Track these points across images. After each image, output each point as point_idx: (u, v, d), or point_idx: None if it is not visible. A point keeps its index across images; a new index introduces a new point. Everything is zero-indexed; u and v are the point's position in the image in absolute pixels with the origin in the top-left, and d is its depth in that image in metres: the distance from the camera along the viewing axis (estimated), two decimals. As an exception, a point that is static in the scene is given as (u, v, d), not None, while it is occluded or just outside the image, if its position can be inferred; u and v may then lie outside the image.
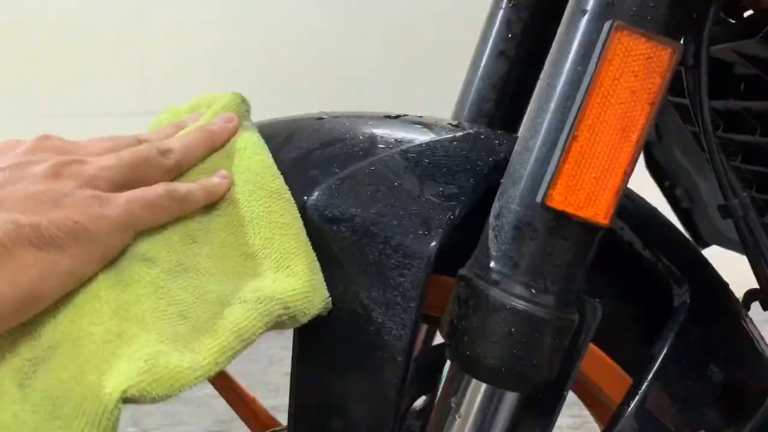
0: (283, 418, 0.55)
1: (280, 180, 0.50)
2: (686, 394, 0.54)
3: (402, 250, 0.48)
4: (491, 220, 0.47)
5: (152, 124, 0.60)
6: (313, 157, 0.53)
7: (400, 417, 0.56)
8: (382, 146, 0.53)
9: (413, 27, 2.59)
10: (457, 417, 0.50)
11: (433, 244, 0.48)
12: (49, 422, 0.38)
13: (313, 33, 2.59)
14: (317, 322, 0.49)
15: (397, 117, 0.56)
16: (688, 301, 0.54)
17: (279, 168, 0.52)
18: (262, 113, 0.61)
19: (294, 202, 0.49)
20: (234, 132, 0.53)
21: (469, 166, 0.51)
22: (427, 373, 0.60)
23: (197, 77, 2.53)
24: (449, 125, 0.55)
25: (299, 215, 0.49)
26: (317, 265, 0.48)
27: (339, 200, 0.50)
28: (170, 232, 0.47)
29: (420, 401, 0.64)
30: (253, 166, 0.50)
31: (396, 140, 0.53)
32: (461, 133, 0.53)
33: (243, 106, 0.55)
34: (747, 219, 0.50)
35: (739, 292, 0.59)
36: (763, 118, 0.61)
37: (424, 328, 0.74)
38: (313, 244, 0.49)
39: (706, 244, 0.82)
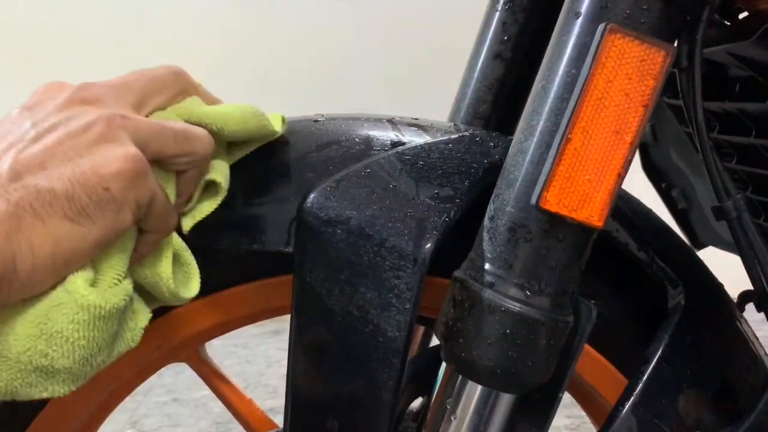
0: (281, 420, 0.55)
1: None
2: (681, 394, 0.54)
3: (397, 252, 0.49)
4: (486, 222, 0.48)
5: None
6: (309, 158, 0.53)
7: (396, 418, 0.57)
8: (377, 148, 0.53)
9: (410, 29, 2.60)
10: (452, 418, 0.50)
11: (428, 246, 0.49)
12: None
13: (312, 34, 2.59)
14: (314, 324, 0.49)
15: (393, 119, 0.56)
16: (682, 302, 0.55)
17: (275, 170, 0.52)
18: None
19: None
20: None
21: (465, 168, 0.51)
22: (423, 374, 0.60)
23: (196, 78, 2.53)
24: (445, 127, 0.56)
25: None
26: None
27: (334, 202, 0.50)
28: None
29: (416, 403, 0.64)
30: None
31: (392, 142, 0.53)
32: (457, 135, 0.53)
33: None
34: (741, 220, 0.50)
35: (733, 293, 0.59)
36: (758, 120, 0.61)
37: (419, 329, 0.74)
38: (309, 246, 0.49)
39: (702, 246, 0.82)
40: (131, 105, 0.47)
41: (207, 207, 0.50)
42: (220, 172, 0.50)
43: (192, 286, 0.50)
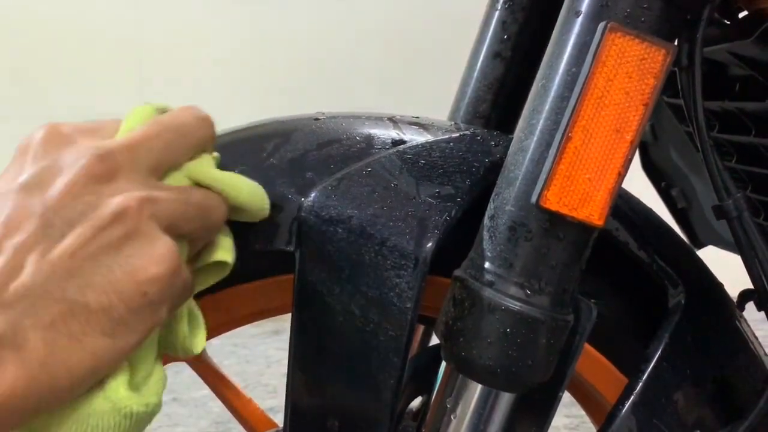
0: (280, 419, 0.55)
1: None
2: (681, 394, 0.54)
3: (398, 251, 0.49)
4: (486, 220, 0.48)
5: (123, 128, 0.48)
6: (310, 157, 0.53)
7: (396, 418, 0.57)
8: (378, 147, 0.53)
9: (410, 28, 2.60)
10: (452, 418, 0.50)
11: (429, 245, 0.49)
12: None
13: (311, 34, 2.59)
14: (314, 323, 0.49)
15: (394, 117, 0.56)
16: (682, 301, 0.55)
17: (276, 169, 0.52)
18: (259, 113, 0.62)
19: None
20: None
21: (465, 167, 0.51)
22: (423, 373, 0.60)
23: (196, 78, 2.53)
24: (446, 126, 0.56)
25: None
26: None
27: (335, 201, 0.50)
28: None
29: (416, 402, 0.64)
30: None
31: (392, 141, 0.53)
32: (457, 134, 0.53)
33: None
34: (741, 219, 0.50)
35: (733, 293, 0.59)
36: (758, 119, 0.61)
37: (420, 328, 0.74)
38: (309, 245, 0.49)
39: (702, 245, 0.82)
40: (150, 169, 0.42)
41: (211, 280, 0.49)
42: (225, 246, 0.48)
43: (200, 339, 0.48)
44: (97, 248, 0.38)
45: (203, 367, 0.64)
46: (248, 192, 0.48)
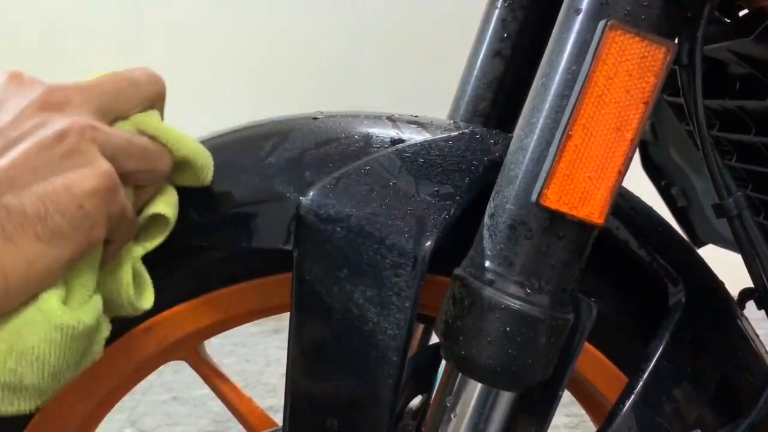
0: (280, 418, 0.55)
1: None
2: (681, 392, 0.54)
3: (397, 250, 0.48)
4: (486, 219, 0.47)
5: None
6: (308, 156, 0.53)
7: (396, 416, 0.56)
8: (377, 146, 0.53)
9: (409, 26, 2.59)
10: (452, 416, 0.50)
11: (428, 243, 0.49)
12: None
13: (312, 33, 2.59)
14: (313, 322, 0.49)
15: (393, 116, 0.56)
16: (683, 300, 0.55)
17: (274, 168, 0.52)
18: (259, 112, 0.61)
19: None
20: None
21: (465, 166, 0.51)
22: (423, 372, 0.60)
23: (196, 77, 2.53)
24: (445, 125, 0.55)
25: None
26: None
27: (334, 200, 0.50)
28: None
29: (416, 401, 0.64)
30: None
31: (391, 139, 0.53)
32: (456, 133, 0.53)
33: None
34: (741, 218, 0.50)
35: (734, 291, 0.59)
36: (758, 117, 0.61)
37: (419, 327, 0.74)
38: (308, 244, 0.49)
39: (702, 243, 0.82)
40: (99, 110, 0.45)
41: (157, 239, 0.49)
42: (167, 202, 0.49)
43: (147, 297, 0.49)
44: (38, 162, 0.40)
45: (203, 366, 0.64)
46: (191, 148, 0.49)
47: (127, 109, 0.47)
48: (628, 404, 0.53)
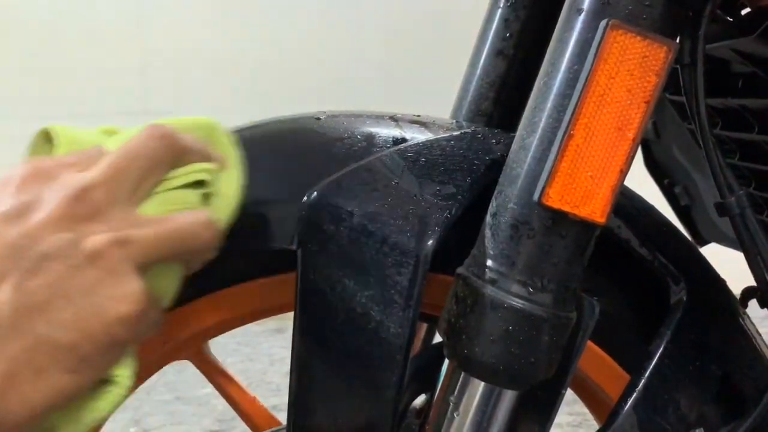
0: (284, 417, 0.55)
1: None
2: (683, 391, 0.54)
3: (399, 249, 0.49)
4: (488, 218, 0.48)
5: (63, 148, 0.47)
6: (312, 156, 0.53)
7: (399, 415, 0.57)
8: (379, 145, 0.53)
9: (412, 26, 2.59)
10: (455, 415, 0.50)
11: (430, 242, 0.49)
12: None
13: (313, 32, 2.59)
14: (317, 321, 0.49)
15: (395, 116, 0.56)
16: (685, 298, 0.55)
17: (278, 168, 0.52)
18: (261, 112, 0.62)
19: None
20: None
21: (467, 165, 0.51)
22: (426, 371, 0.60)
23: (197, 77, 2.53)
24: (447, 124, 0.56)
25: None
26: None
27: (337, 199, 0.50)
28: None
29: (419, 400, 0.64)
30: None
31: (394, 139, 0.53)
32: (459, 132, 0.53)
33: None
34: (744, 216, 0.50)
35: (736, 290, 0.59)
36: (761, 116, 0.61)
37: (423, 326, 0.74)
38: (311, 243, 0.49)
39: (705, 242, 0.82)
40: (127, 200, 0.43)
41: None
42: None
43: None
44: (70, 286, 0.39)
45: (207, 365, 0.65)
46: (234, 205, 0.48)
47: (154, 182, 0.44)
48: (629, 403, 0.54)
